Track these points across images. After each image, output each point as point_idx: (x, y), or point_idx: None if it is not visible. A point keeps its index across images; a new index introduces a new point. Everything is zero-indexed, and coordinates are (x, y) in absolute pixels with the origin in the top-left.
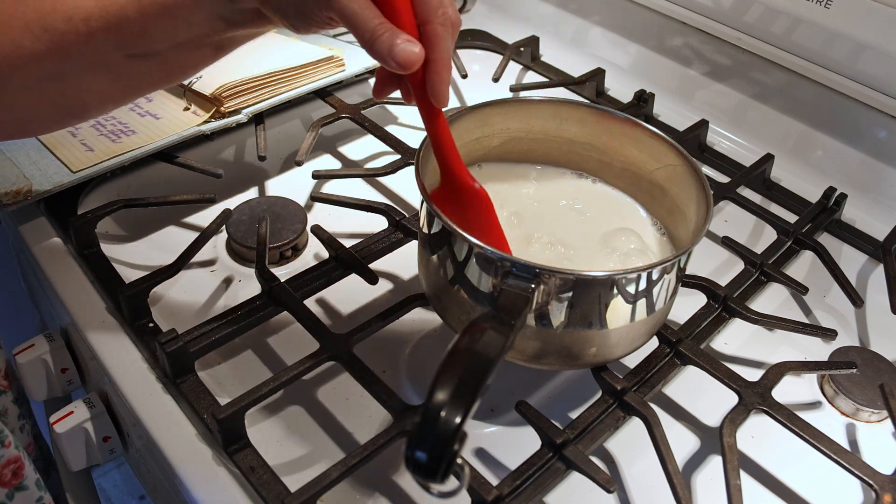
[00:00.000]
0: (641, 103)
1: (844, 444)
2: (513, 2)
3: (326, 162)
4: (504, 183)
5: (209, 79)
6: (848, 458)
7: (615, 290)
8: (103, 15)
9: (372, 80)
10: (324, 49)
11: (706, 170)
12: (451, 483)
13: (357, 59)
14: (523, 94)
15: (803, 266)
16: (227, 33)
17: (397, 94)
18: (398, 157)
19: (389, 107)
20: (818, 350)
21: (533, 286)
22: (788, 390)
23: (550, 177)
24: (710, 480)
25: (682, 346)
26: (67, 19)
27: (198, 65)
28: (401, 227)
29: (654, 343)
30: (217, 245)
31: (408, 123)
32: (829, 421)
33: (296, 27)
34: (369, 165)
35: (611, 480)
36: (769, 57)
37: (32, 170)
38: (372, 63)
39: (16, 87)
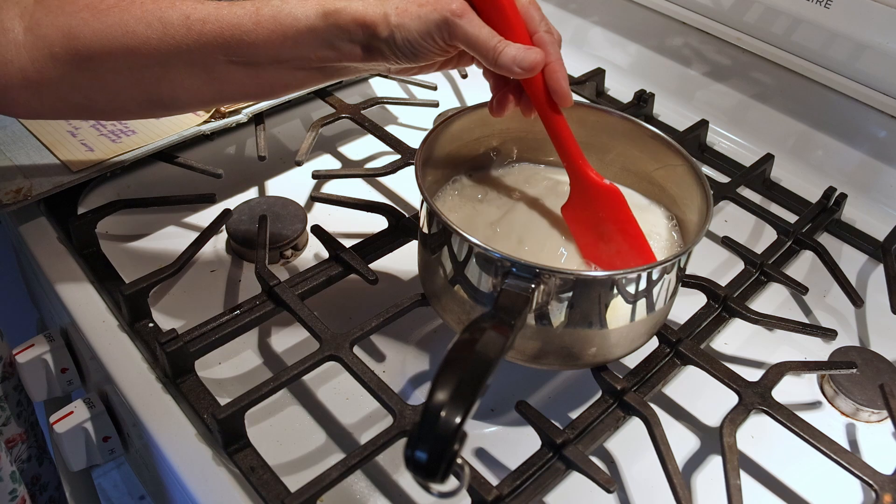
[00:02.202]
0: (641, 103)
1: (844, 444)
2: None
3: (326, 162)
4: (504, 184)
5: None
6: (848, 458)
7: (615, 290)
8: (218, 20)
9: (372, 80)
10: None
11: (706, 170)
12: (451, 483)
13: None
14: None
15: (803, 266)
16: (332, 62)
17: (398, 93)
18: (398, 157)
19: (389, 107)
20: (818, 350)
21: (533, 286)
22: (788, 390)
23: (552, 177)
24: (710, 480)
25: (682, 346)
26: (184, 17)
27: (292, 85)
28: (401, 227)
29: (654, 343)
30: (217, 245)
31: (408, 123)
32: (829, 421)
33: (404, 59)
34: (369, 165)
35: (611, 480)
36: (769, 57)
37: (32, 170)
38: None
39: (119, 68)
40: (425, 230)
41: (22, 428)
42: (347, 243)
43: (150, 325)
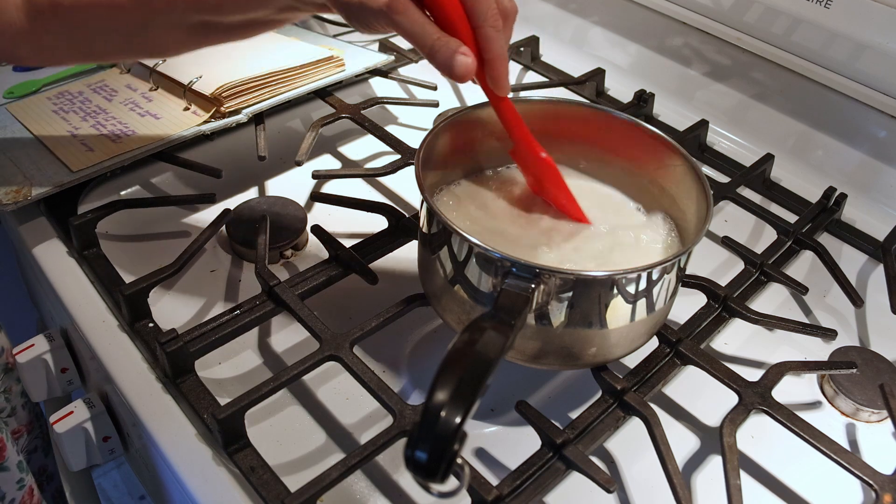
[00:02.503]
0: (641, 103)
1: (844, 444)
2: None
3: (326, 162)
4: (504, 185)
5: (209, 79)
6: (848, 458)
7: (615, 290)
8: None
9: (372, 80)
10: (324, 49)
11: (706, 170)
12: (451, 483)
13: (357, 59)
14: (523, 94)
15: (803, 266)
16: (293, 19)
17: (398, 93)
18: (398, 157)
19: (389, 107)
20: (818, 350)
21: (533, 286)
22: (788, 390)
23: None
24: (710, 480)
25: (682, 346)
26: None
27: (258, 32)
28: (401, 227)
29: (654, 343)
30: (217, 245)
31: (408, 123)
32: (829, 421)
33: (358, 30)
34: (369, 165)
35: (611, 480)
36: (769, 57)
37: (32, 170)
38: (371, 63)
39: (104, 30)
40: (425, 230)
41: (27, 419)
42: (347, 243)
43: (150, 325)
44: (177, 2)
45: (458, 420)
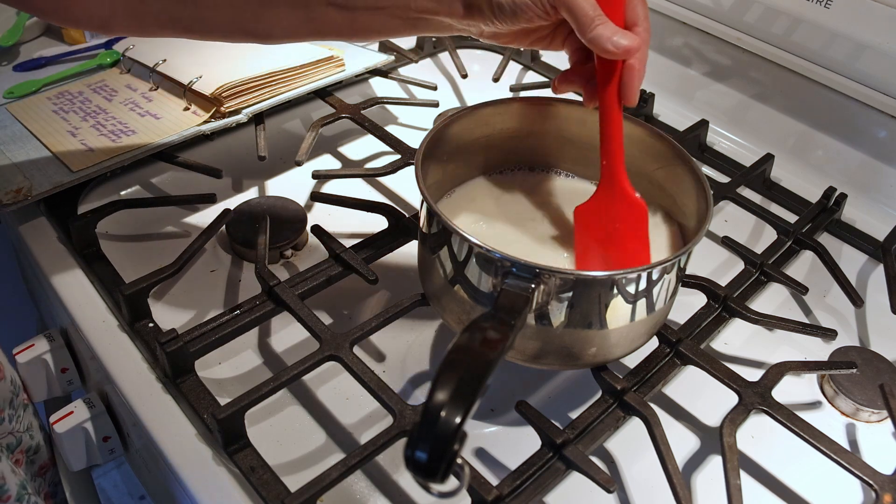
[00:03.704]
0: (641, 103)
1: (844, 444)
2: None
3: (326, 162)
4: (504, 186)
5: (209, 79)
6: (848, 458)
7: (615, 290)
8: None
9: (372, 80)
10: (324, 49)
11: (706, 170)
12: (451, 483)
13: (357, 59)
14: (523, 94)
15: (803, 266)
16: (430, 15)
17: (398, 93)
18: (398, 157)
19: (389, 107)
20: (818, 350)
21: (533, 286)
22: (788, 390)
23: (551, 178)
24: (710, 480)
25: (682, 346)
26: None
27: (384, 31)
28: (401, 227)
29: (654, 343)
30: (217, 245)
31: (408, 123)
32: (829, 421)
33: (502, 20)
34: (369, 165)
35: (611, 480)
36: (769, 57)
37: (32, 170)
38: (372, 63)
39: (218, 5)
40: (425, 230)
41: (50, 453)
42: (347, 243)
43: (150, 325)
44: None
45: (458, 420)
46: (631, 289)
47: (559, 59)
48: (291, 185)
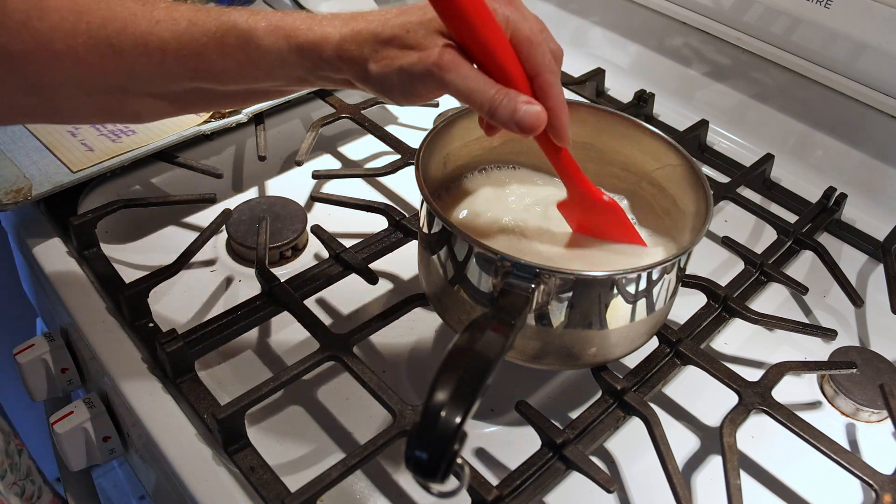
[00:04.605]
0: (641, 103)
1: (844, 444)
2: None
3: (326, 162)
4: (504, 186)
5: None
6: (848, 458)
7: (615, 290)
8: (179, 48)
9: None
10: None
11: (706, 170)
12: (451, 483)
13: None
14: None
15: (803, 266)
16: (313, 84)
17: None
18: (398, 157)
19: (389, 107)
20: (818, 350)
21: (533, 286)
22: (788, 390)
23: (551, 178)
24: (710, 480)
25: (682, 346)
26: (140, 44)
27: (265, 99)
28: (401, 227)
29: (654, 343)
30: (217, 245)
31: (408, 123)
32: (829, 421)
33: (398, 102)
34: (369, 165)
35: (611, 480)
36: (769, 57)
37: (32, 170)
38: None
39: (75, 95)
40: (425, 230)
41: (52, 496)
42: (347, 243)
43: (150, 325)
44: (169, 66)
45: (458, 420)
46: (631, 289)
47: None
48: (291, 185)
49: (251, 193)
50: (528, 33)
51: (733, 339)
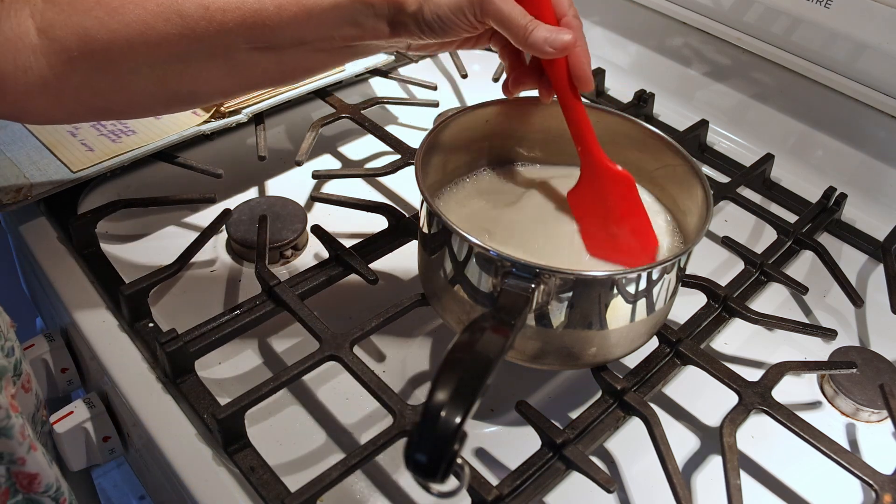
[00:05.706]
0: (641, 103)
1: (844, 444)
2: None
3: (326, 162)
4: (504, 185)
5: None
6: (848, 458)
7: (615, 290)
8: (239, 7)
9: (372, 80)
10: None
11: (706, 170)
12: (451, 483)
13: (357, 60)
14: (523, 93)
15: (803, 266)
16: (356, 41)
17: (398, 93)
18: (398, 157)
19: (389, 107)
20: (818, 350)
21: (533, 286)
22: (788, 390)
23: (551, 177)
24: (710, 480)
25: (682, 346)
26: (203, 8)
27: (315, 68)
28: (401, 227)
29: (654, 343)
30: (217, 245)
31: (408, 123)
32: (829, 421)
33: (430, 35)
34: (369, 165)
35: (611, 480)
36: (769, 57)
37: (32, 170)
38: (372, 63)
39: (139, 67)
40: (425, 230)
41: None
42: (347, 243)
43: (150, 325)
44: (229, 27)
45: (458, 420)
46: (631, 289)
47: None
48: (291, 185)
49: (251, 193)
50: None
51: (733, 339)
